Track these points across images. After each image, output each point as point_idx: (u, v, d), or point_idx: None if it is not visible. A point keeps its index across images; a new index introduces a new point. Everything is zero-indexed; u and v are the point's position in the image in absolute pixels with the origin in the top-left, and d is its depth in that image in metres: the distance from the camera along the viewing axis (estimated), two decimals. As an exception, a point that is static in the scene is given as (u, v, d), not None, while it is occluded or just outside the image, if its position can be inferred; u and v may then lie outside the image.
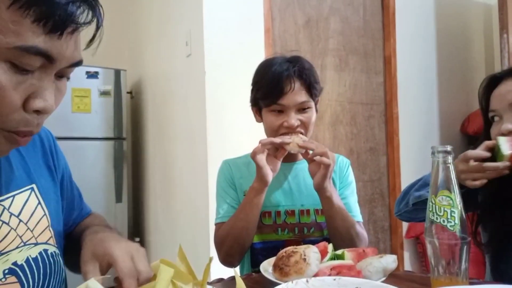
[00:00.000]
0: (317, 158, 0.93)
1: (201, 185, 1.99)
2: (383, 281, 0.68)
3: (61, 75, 0.53)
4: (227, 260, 1.05)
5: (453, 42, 2.76)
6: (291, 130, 1.01)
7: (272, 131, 1.05)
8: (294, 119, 1.00)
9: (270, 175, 0.97)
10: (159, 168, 2.68)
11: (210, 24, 1.97)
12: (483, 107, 1.00)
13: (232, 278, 0.91)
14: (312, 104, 1.04)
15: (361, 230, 1.05)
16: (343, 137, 2.38)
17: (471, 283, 0.66)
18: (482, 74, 2.87)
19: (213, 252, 1.95)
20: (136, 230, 3.07)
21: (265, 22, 2.09)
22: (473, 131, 2.60)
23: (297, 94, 1.00)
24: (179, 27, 2.25)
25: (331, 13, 2.36)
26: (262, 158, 0.96)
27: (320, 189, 0.96)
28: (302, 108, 1.02)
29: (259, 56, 2.09)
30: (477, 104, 3.05)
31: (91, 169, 2.59)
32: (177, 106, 2.34)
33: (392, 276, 0.74)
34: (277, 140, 0.96)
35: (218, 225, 1.10)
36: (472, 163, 0.86)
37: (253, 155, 0.96)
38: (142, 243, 2.95)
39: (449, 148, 0.65)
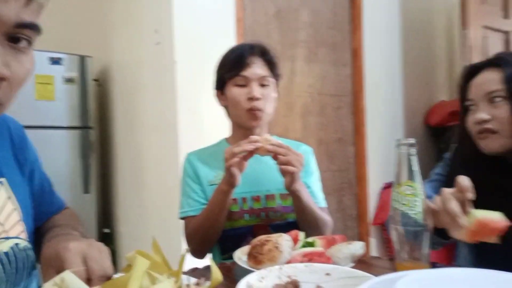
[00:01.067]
0: (283, 167, 0.95)
1: (173, 176, 1.98)
2: (351, 267, 0.72)
3: (14, 40, 0.50)
4: (196, 253, 1.10)
5: (417, 37, 2.86)
6: (254, 102, 1.06)
7: (236, 105, 1.09)
8: (256, 91, 1.06)
9: (239, 179, 0.98)
10: (128, 159, 2.63)
11: (180, 12, 1.94)
12: (460, 96, 1.02)
13: (206, 267, 0.92)
14: (272, 82, 1.11)
15: (326, 217, 1.10)
16: (312, 128, 2.43)
17: (433, 267, 0.71)
18: (444, 68, 3.00)
19: (184, 244, 1.97)
20: (106, 221, 3.01)
21: (236, 12, 2.08)
22: (436, 123, 2.73)
23: (259, 67, 1.09)
24: (148, 14, 2.20)
25: (301, 5, 2.38)
26: (235, 167, 0.96)
27: (289, 190, 1.00)
28: (263, 84, 1.09)
29: (231, 45, 2.08)
30: (439, 96, 3.18)
31: (56, 158, 2.51)
32: (147, 95, 2.30)
33: (360, 262, 0.78)
34: (251, 147, 0.95)
35: (186, 220, 1.12)
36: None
37: (229, 167, 0.95)
38: (113, 234, 2.90)
39: (412, 140, 0.69)
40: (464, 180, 0.70)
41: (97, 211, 2.76)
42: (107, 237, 2.86)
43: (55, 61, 2.50)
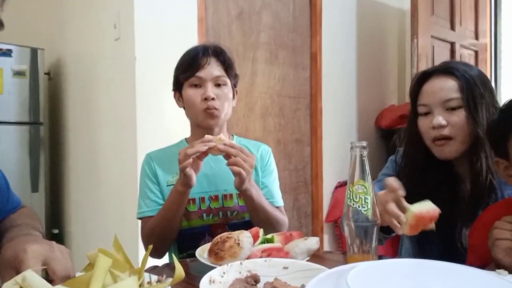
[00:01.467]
0: (231, 167, 0.97)
1: (130, 174, 1.94)
2: (307, 260, 0.77)
3: None
4: (153, 253, 1.08)
5: (371, 43, 3.01)
6: (209, 102, 1.07)
7: (192, 106, 1.11)
8: (211, 91, 1.08)
9: (195, 180, 0.99)
10: (82, 156, 2.54)
11: (141, 8, 1.91)
12: (412, 100, 1.05)
13: (166, 265, 0.93)
14: (229, 82, 1.13)
15: (281, 216, 1.13)
16: (272, 128, 2.49)
17: (380, 259, 0.77)
18: (394, 74, 3.18)
19: (141, 243, 1.94)
20: (55, 221, 2.89)
21: (198, 11, 2.08)
22: (386, 126, 2.88)
23: (213, 68, 1.11)
24: (106, 8, 2.14)
25: (263, 7, 2.43)
26: (190, 168, 0.97)
27: (240, 190, 1.02)
28: (218, 83, 1.11)
29: (193, 44, 2.08)
30: (389, 100, 3.36)
31: (3, 155, 2.37)
32: (104, 91, 2.24)
33: (314, 256, 0.83)
34: (203, 148, 0.96)
35: (143, 220, 1.12)
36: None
37: (183, 168, 0.96)
38: (62, 234, 2.79)
39: (364, 143, 0.75)
40: (391, 181, 0.79)
41: (46, 211, 2.64)
42: (56, 238, 2.74)
43: (4, 53, 2.37)
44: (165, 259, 1.13)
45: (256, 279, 0.68)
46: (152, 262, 0.92)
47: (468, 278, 0.54)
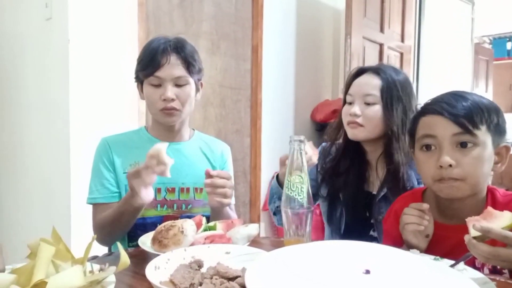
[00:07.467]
0: (218, 200, 0.97)
1: (61, 163, 1.85)
2: (247, 245, 0.82)
3: None
4: (103, 242, 1.09)
5: (309, 40, 3.14)
6: (167, 103, 1.06)
7: (150, 104, 1.10)
8: (170, 91, 1.05)
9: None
10: (3, 144, 2.35)
11: (75, -13, 1.81)
12: (345, 90, 1.21)
13: (108, 255, 0.93)
14: (191, 80, 1.09)
15: (233, 215, 1.17)
16: (212, 119, 2.51)
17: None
18: (329, 70, 3.36)
19: (74, 232, 1.86)
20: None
21: (138, -5, 2.02)
22: (320, 119, 3.05)
23: (173, 67, 1.05)
24: (36, -16, 1.98)
25: (205, -4, 2.41)
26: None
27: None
28: (179, 83, 1.08)
29: (132, 30, 2.02)
30: (324, 95, 3.52)
31: None
32: (32, 74, 2.08)
33: (254, 241, 0.89)
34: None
35: (95, 206, 1.10)
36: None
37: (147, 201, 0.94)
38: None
39: (302, 138, 0.81)
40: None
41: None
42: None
43: None
44: (105, 249, 1.12)
45: (199, 264, 0.71)
46: (93, 252, 0.92)
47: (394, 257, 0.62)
